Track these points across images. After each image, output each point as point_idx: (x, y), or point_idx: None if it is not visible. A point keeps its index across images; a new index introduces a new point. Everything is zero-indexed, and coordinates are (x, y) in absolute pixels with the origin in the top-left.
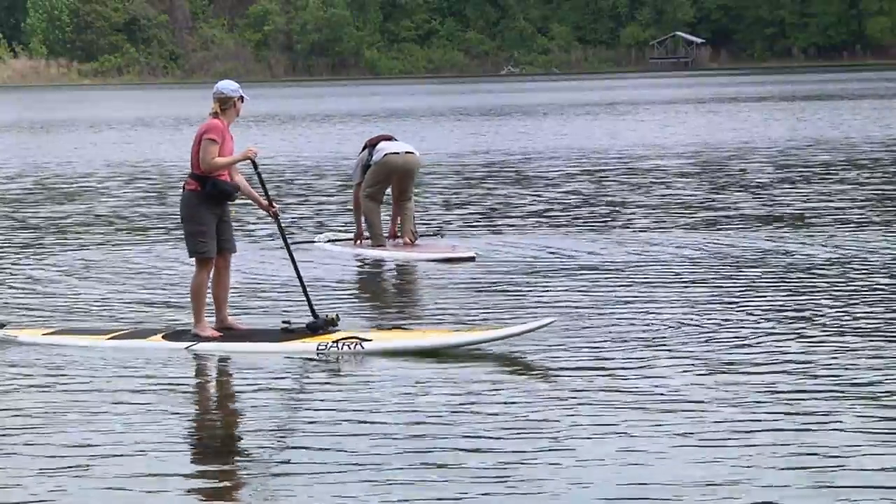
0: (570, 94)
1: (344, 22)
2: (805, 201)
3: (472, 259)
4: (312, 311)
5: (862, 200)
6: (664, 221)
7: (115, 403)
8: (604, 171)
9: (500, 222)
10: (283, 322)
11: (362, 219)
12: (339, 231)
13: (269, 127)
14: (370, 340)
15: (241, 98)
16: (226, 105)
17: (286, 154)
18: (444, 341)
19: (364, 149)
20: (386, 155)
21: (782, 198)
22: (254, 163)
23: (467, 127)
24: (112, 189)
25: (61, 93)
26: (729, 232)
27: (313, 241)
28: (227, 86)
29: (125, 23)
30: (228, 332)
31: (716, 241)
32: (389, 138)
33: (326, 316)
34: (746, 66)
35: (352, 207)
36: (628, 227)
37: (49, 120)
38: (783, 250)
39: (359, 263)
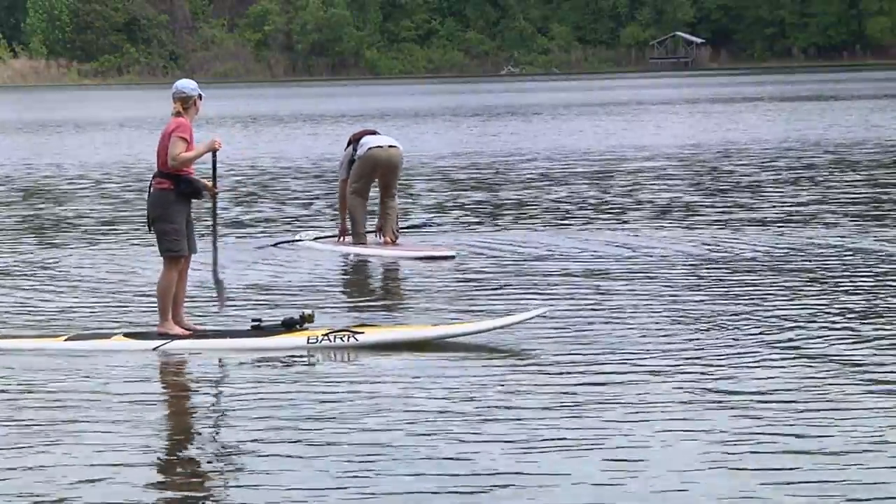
0: (566, 94)
1: (344, 22)
2: (797, 201)
3: (451, 258)
4: (220, 296)
5: (856, 201)
6: (653, 221)
7: (89, 409)
8: (593, 171)
9: (484, 221)
10: (253, 320)
11: (347, 215)
12: (324, 229)
13: (261, 127)
14: (362, 333)
15: (200, 96)
16: (187, 104)
17: (272, 154)
18: (438, 333)
19: (349, 144)
20: (370, 149)
21: (771, 198)
22: (214, 154)
23: (459, 127)
24: (85, 190)
25: (61, 93)
26: (720, 231)
27: (298, 240)
28: (187, 84)
29: (125, 23)
30: (195, 331)
31: (707, 240)
32: (373, 132)
33: (303, 313)
34: (746, 66)
35: (337, 204)
36: (614, 227)
37: (44, 120)
38: (772, 247)
39: (340, 261)
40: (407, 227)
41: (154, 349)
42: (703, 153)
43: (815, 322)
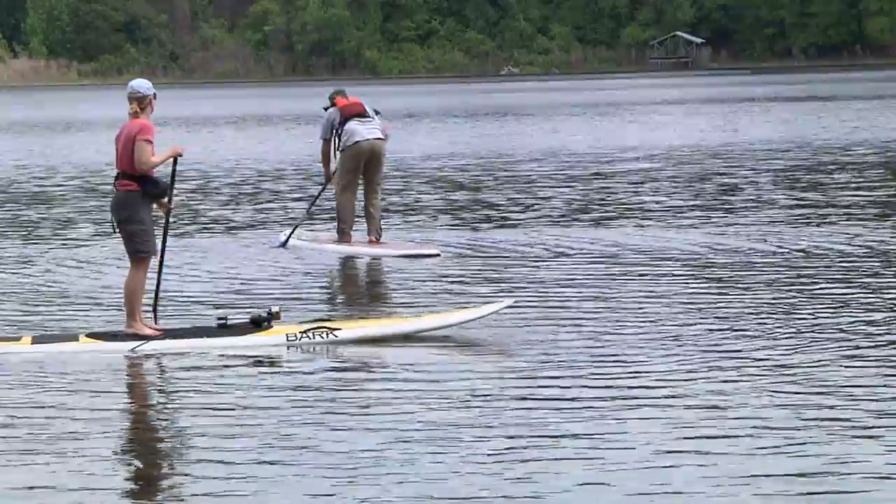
0: (566, 94)
1: (344, 22)
2: (797, 202)
3: (437, 255)
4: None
5: (858, 202)
6: (651, 221)
7: (60, 412)
8: (589, 171)
9: (475, 220)
10: (219, 319)
11: (331, 169)
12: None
13: (259, 127)
14: (340, 329)
15: (155, 95)
16: (143, 104)
17: (271, 153)
18: (414, 327)
19: (332, 105)
20: (356, 143)
21: (771, 198)
22: (175, 160)
23: (456, 127)
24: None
25: (60, 93)
26: (719, 232)
27: (289, 236)
28: (142, 84)
29: (125, 23)
30: (164, 330)
31: (706, 241)
32: (361, 114)
33: (269, 309)
34: (746, 66)
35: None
36: (608, 227)
37: (44, 120)
38: (770, 248)
39: (325, 260)
40: None
41: (131, 350)
42: (701, 153)
43: (811, 322)
